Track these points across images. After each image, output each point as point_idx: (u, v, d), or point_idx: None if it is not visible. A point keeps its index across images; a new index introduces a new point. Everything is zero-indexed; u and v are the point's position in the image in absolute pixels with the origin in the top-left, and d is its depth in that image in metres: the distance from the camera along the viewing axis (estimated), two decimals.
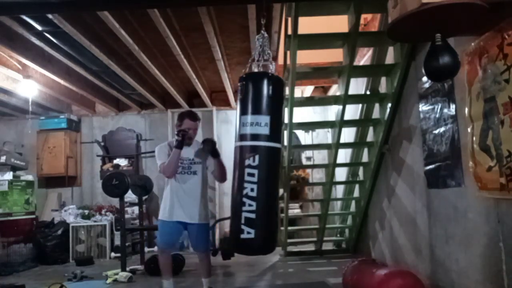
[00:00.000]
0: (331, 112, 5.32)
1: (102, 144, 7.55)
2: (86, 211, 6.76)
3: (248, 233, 2.44)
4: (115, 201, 6.21)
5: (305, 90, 7.25)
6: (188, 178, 3.39)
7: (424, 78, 3.43)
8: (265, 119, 2.50)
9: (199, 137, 3.69)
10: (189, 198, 3.37)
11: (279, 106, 2.64)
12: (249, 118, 2.52)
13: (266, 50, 2.79)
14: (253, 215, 2.45)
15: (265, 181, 2.50)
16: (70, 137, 7.42)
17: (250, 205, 2.45)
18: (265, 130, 2.50)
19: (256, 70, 2.77)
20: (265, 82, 2.56)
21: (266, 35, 2.79)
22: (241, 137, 2.54)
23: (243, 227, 2.46)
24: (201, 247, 3.50)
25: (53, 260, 6.08)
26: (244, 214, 2.46)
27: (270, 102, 2.55)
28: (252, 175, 2.47)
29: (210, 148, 3.35)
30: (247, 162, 2.49)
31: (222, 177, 3.47)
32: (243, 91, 2.56)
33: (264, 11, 2.78)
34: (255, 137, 2.51)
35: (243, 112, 2.55)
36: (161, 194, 7.49)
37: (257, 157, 2.48)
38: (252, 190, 2.46)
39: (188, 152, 3.42)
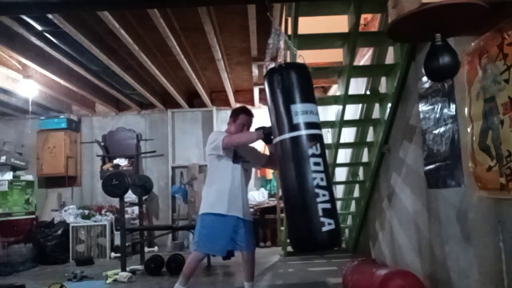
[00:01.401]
0: (331, 112, 5.32)
1: (102, 144, 7.55)
2: (86, 211, 6.77)
3: (329, 224, 2.33)
4: (115, 201, 6.22)
5: None
6: (241, 174, 3.20)
7: (424, 78, 3.43)
8: (314, 107, 2.51)
9: (199, 137, 3.69)
10: (242, 193, 3.18)
11: (309, 89, 2.62)
12: (301, 106, 2.47)
13: (281, 46, 2.80)
14: (329, 205, 2.36)
15: (327, 168, 2.46)
16: (70, 137, 7.42)
17: (323, 195, 2.35)
18: (317, 118, 2.52)
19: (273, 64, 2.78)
20: (306, 71, 2.59)
21: (280, 30, 2.80)
22: (294, 127, 2.45)
23: (322, 219, 2.32)
24: (251, 246, 3.27)
25: (53, 260, 6.08)
26: (320, 206, 2.33)
27: (312, 90, 2.59)
28: (318, 164, 2.39)
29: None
30: (310, 151, 2.41)
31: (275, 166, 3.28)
32: (283, 81, 2.51)
33: (268, 11, 2.78)
34: (312, 125, 2.47)
35: (290, 101, 2.47)
36: (161, 194, 7.53)
37: (318, 145, 2.44)
38: (322, 179, 2.37)
39: (241, 150, 3.26)
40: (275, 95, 2.56)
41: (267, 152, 3.72)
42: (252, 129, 3.22)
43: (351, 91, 4.20)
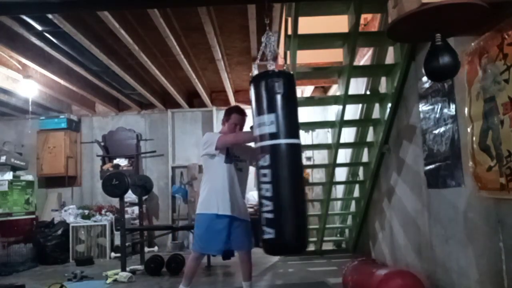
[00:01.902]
0: (331, 112, 5.33)
1: (102, 144, 7.55)
2: (86, 211, 6.77)
3: (269, 233, 2.44)
4: (115, 201, 6.22)
5: (305, 90, 7.25)
6: (235, 173, 3.23)
7: (424, 78, 3.43)
8: (267, 117, 2.49)
9: (199, 137, 3.70)
10: (235, 193, 3.20)
11: (280, 101, 2.56)
12: (260, 119, 2.53)
13: (269, 49, 2.78)
14: (271, 215, 2.44)
15: (280, 180, 2.47)
16: (70, 137, 7.42)
17: (267, 205, 2.45)
18: (270, 128, 2.49)
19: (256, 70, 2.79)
20: (265, 80, 2.56)
21: (270, 34, 2.79)
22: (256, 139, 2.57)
23: (264, 228, 2.46)
24: (246, 246, 3.29)
25: (53, 260, 6.08)
26: (264, 215, 2.46)
27: (271, 99, 2.53)
28: (265, 175, 2.48)
29: None
30: (259, 163, 2.52)
31: None
32: (251, 96, 2.59)
33: (267, 11, 2.78)
34: (262, 137, 2.52)
35: (258, 113, 2.55)
36: (161, 194, 7.53)
37: (267, 156, 2.48)
38: (267, 190, 2.46)
39: (235, 150, 3.28)
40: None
41: None
42: (246, 128, 3.24)
43: (351, 91, 4.20)
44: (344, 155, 5.55)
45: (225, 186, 3.15)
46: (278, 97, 2.51)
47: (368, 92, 4.66)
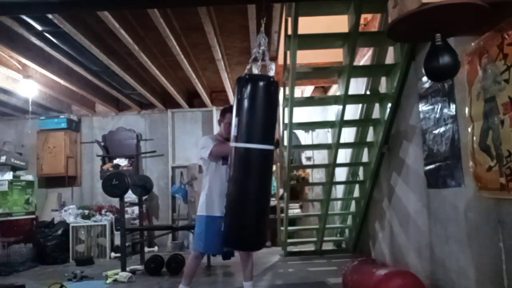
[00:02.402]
0: (331, 112, 5.32)
1: (102, 144, 7.55)
2: (86, 211, 6.77)
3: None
4: (115, 201, 6.22)
5: (305, 90, 7.25)
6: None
7: (424, 78, 3.43)
8: (234, 120, 2.69)
9: (199, 137, 3.71)
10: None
11: (251, 104, 2.66)
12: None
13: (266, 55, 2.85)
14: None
15: (236, 180, 2.66)
16: (70, 137, 7.42)
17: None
18: (234, 131, 2.68)
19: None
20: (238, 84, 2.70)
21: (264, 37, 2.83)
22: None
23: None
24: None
25: (53, 260, 6.08)
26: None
27: (237, 102, 2.69)
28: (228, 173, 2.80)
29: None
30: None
31: None
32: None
33: (264, 11, 2.78)
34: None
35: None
36: (161, 194, 7.53)
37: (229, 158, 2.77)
38: (226, 187, 2.78)
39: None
40: (238, 101, 2.75)
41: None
42: None
43: (351, 91, 4.20)
44: (344, 155, 5.55)
45: (224, 188, 3.10)
46: (240, 100, 2.66)
47: (368, 92, 4.66)
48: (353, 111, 4.97)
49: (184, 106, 7.41)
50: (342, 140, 4.63)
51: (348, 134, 5.28)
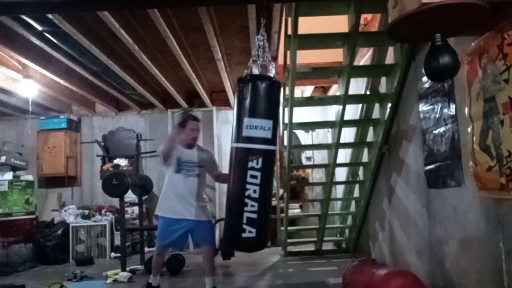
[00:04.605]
0: (331, 112, 5.32)
1: (102, 144, 7.55)
2: (86, 211, 6.77)
3: (250, 232, 2.55)
4: (115, 201, 6.21)
5: (305, 90, 7.25)
6: (190, 179, 3.55)
7: (424, 78, 3.43)
8: (268, 123, 2.60)
9: (199, 138, 3.74)
10: (189, 197, 3.52)
11: (278, 110, 2.75)
12: (255, 121, 2.58)
13: (266, 50, 2.82)
14: (255, 215, 2.56)
15: (266, 183, 2.62)
16: (70, 137, 7.42)
17: (252, 205, 2.55)
18: (268, 134, 2.60)
19: (255, 70, 2.81)
20: (269, 85, 2.64)
21: (265, 34, 2.83)
22: (245, 139, 2.59)
23: (245, 226, 2.55)
24: (202, 242, 3.60)
25: (53, 260, 6.08)
26: (246, 214, 2.55)
27: (273, 106, 2.66)
28: (255, 177, 2.56)
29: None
30: (250, 164, 2.56)
31: (224, 183, 3.77)
32: (246, 93, 2.61)
33: (264, 11, 2.78)
34: (260, 140, 2.59)
35: (247, 114, 2.60)
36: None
37: (261, 160, 2.57)
38: (254, 191, 2.55)
39: (191, 155, 3.60)
40: (236, 103, 2.69)
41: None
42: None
43: (351, 91, 4.20)
44: (344, 155, 5.55)
45: (174, 192, 3.53)
46: (275, 104, 2.65)
47: (368, 92, 4.66)
48: (353, 111, 4.97)
49: (184, 106, 7.40)
50: (342, 140, 4.63)
51: (348, 134, 5.28)
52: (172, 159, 3.54)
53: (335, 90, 6.45)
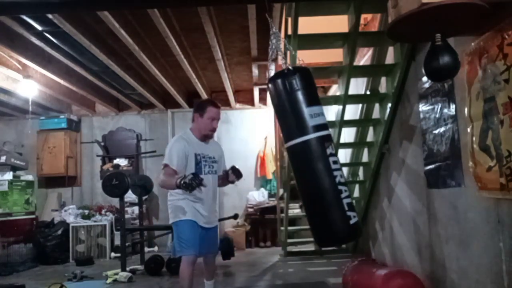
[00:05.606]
0: (331, 112, 5.31)
1: (102, 144, 7.55)
2: (86, 211, 6.77)
3: (354, 216, 2.50)
4: (115, 201, 6.22)
5: None
6: (211, 178, 3.01)
7: (424, 78, 3.43)
8: (321, 108, 2.62)
9: None
10: (210, 201, 3.04)
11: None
12: (316, 109, 2.57)
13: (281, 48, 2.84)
14: (350, 200, 2.52)
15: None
16: (70, 137, 7.42)
17: (345, 190, 2.51)
18: (325, 119, 2.63)
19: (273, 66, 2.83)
20: (309, 73, 2.71)
21: (278, 33, 2.84)
22: (314, 128, 2.53)
23: (349, 213, 2.48)
24: (215, 250, 3.23)
25: (53, 260, 6.08)
26: (345, 201, 2.49)
27: (317, 92, 2.71)
28: (336, 162, 2.54)
29: (235, 178, 3.05)
30: (328, 151, 2.52)
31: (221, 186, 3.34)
32: (296, 84, 2.56)
33: (267, 11, 2.79)
34: (325, 126, 2.60)
35: (306, 104, 2.54)
36: (161, 194, 7.51)
37: (332, 145, 2.60)
38: (341, 176, 2.53)
39: (207, 148, 3.05)
40: (284, 98, 2.60)
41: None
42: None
43: (351, 91, 4.20)
44: (344, 155, 5.55)
45: (195, 196, 2.93)
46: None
47: (368, 92, 4.66)
48: (353, 111, 4.97)
49: (184, 106, 7.41)
50: (342, 140, 4.63)
51: (348, 134, 5.28)
52: (188, 160, 2.93)
53: (335, 90, 6.45)
